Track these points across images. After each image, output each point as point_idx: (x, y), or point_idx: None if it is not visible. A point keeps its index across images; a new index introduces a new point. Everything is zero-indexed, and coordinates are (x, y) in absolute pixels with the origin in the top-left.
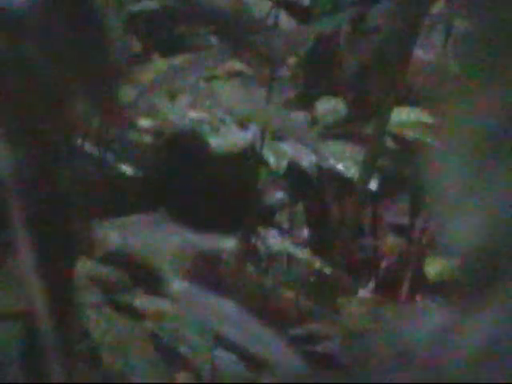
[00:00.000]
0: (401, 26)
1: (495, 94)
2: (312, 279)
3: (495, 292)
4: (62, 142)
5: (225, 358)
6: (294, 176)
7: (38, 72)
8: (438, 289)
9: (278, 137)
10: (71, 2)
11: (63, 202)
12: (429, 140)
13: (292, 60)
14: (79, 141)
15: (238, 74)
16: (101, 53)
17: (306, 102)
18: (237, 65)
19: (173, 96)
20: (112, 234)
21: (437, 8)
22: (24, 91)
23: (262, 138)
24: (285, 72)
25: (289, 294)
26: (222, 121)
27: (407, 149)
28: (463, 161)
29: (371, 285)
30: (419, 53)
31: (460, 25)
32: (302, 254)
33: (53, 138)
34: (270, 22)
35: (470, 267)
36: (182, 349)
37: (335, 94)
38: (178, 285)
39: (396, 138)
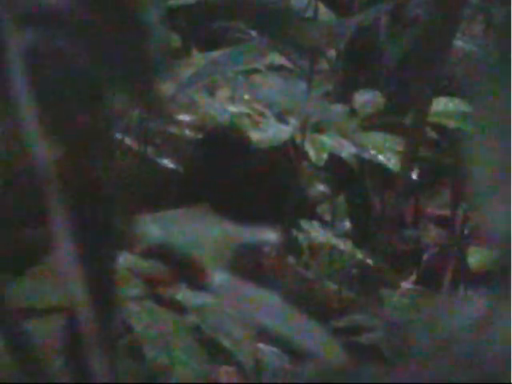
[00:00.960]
0: (441, 17)
1: None
2: (354, 271)
3: None
4: (102, 136)
5: (268, 351)
6: (335, 168)
7: (77, 65)
8: (481, 279)
9: (318, 129)
10: None
11: (104, 195)
12: (469, 129)
13: (331, 52)
14: (120, 135)
15: (277, 68)
16: (140, 45)
17: (345, 94)
18: (276, 58)
19: (212, 90)
20: (153, 227)
21: None
22: (63, 85)
23: (303, 131)
24: (324, 65)
25: (331, 286)
26: (262, 114)
27: (447, 139)
28: (504, 149)
29: (413, 276)
30: (459, 43)
31: (499, 14)
32: (345, 245)
33: (92, 132)
34: (309, 14)
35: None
36: (225, 342)
37: (374, 86)
38: (220, 278)
39: (436, 127)
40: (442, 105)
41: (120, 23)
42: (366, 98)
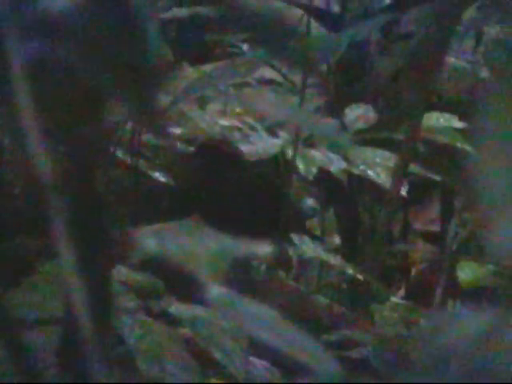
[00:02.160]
0: (434, 32)
1: None
2: (344, 285)
3: None
4: (99, 148)
5: (258, 364)
6: (325, 182)
7: (77, 75)
8: (470, 295)
9: (308, 144)
10: (111, 5)
11: (99, 207)
12: (459, 145)
13: (322, 67)
14: (112, 147)
15: (268, 82)
16: (139, 58)
17: (336, 108)
18: (267, 72)
19: (203, 103)
20: (149, 240)
21: (468, 14)
22: (63, 94)
23: (294, 145)
24: (315, 79)
25: (322, 301)
26: (253, 128)
27: (438, 154)
28: (503, 166)
29: (402, 291)
30: (450, 58)
31: (490, 31)
32: (335, 260)
33: (90, 143)
34: (301, 29)
35: None
36: (217, 355)
37: (365, 101)
38: (215, 290)
39: (426, 143)
40: (433, 120)
41: (120, 35)
42: (357, 113)
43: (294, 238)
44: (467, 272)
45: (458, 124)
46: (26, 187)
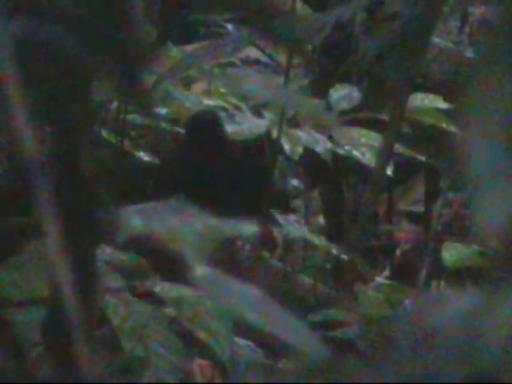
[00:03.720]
0: (419, 13)
1: None
2: (329, 265)
3: None
4: (84, 127)
5: (243, 344)
6: (310, 162)
7: (63, 54)
8: (454, 275)
9: (294, 124)
10: None
11: (84, 187)
12: (444, 126)
13: (307, 47)
14: (97, 127)
15: (253, 62)
16: (126, 37)
17: (321, 88)
18: (252, 52)
19: (188, 84)
20: (135, 220)
21: None
22: (49, 73)
23: (279, 125)
24: (300, 59)
25: (306, 281)
26: (238, 108)
27: (422, 134)
28: (488, 146)
29: (386, 271)
30: (435, 39)
31: (475, 11)
32: (319, 240)
33: (77, 122)
34: (286, 9)
35: (501, 252)
36: (202, 335)
37: (350, 81)
38: (201, 270)
39: (411, 123)
40: (417, 101)
41: (105, 15)
42: (341, 93)
43: (279, 218)
44: (452, 252)
45: (442, 105)
46: (11, 166)
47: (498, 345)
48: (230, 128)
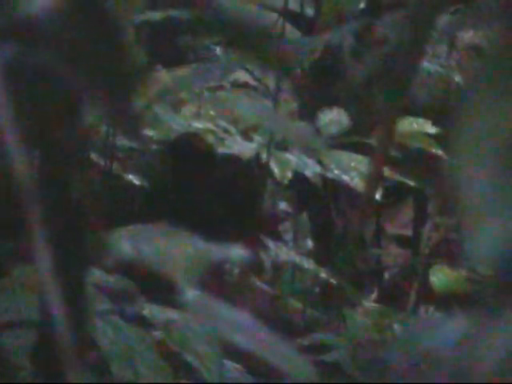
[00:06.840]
0: (408, 38)
1: (504, 106)
2: (317, 290)
3: None
4: (74, 151)
5: (232, 368)
6: (298, 186)
7: (55, 79)
8: (443, 300)
9: (283, 147)
10: (88, 9)
11: (74, 211)
12: (432, 150)
13: (296, 71)
14: (86, 150)
15: (242, 85)
16: (116, 59)
17: (309, 112)
18: (241, 76)
19: (177, 106)
20: (124, 243)
21: (442, 19)
22: (39, 97)
23: (268, 149)
24: (289, 83)
25: (295, 305)
26: (227, 131)
27: (411, 159)
28: (483, 171)
29: (374, 295)
30: (424, 63)
31: (464, 36)
32: (308, 264)
33: (66, 146)
34: (275, 33)
35: (494, 278)
36: (190, 358)
37: (339, 105)
38: (189, 294)
39: (400, 147)
40: (406, 125)
41: (95, 39)
42: (330, 117)
43: (268, 241)
44: (440, 277)
45: (431, 129)
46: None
47: (488, 371)
48: (218, 151)
